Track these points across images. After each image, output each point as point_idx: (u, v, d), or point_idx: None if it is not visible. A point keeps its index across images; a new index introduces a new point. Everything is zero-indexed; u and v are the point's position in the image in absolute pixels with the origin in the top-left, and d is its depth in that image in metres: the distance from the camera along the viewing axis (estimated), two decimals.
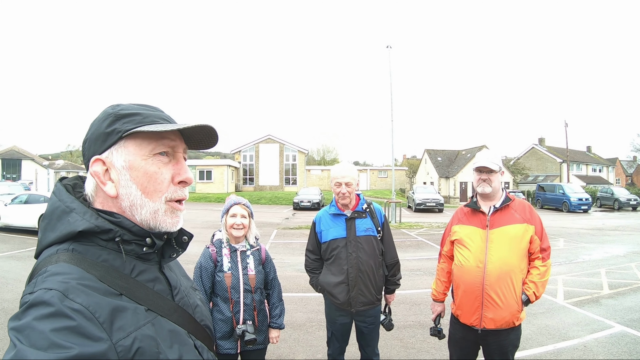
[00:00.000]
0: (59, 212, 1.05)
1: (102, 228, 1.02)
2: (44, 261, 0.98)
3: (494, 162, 3.21)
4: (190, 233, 1.24)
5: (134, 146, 1.08)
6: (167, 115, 1.17)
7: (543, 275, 3.09)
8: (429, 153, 55.01)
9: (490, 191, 3.19)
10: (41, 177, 44.33)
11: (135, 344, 0.91)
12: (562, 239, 15.88)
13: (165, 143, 1.11)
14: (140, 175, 1.07)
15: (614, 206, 34.82)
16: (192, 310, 1.19)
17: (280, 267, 9.96)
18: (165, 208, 1.11)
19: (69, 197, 1.08)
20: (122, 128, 1.07)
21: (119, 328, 0.90)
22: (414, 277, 9.34)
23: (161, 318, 1.04)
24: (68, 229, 1.01)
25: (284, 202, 38.59)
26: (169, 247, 1.18)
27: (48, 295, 0.85)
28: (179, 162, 1.15)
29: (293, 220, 23.30)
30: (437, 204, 31.61)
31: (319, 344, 5.39)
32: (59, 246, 1.01)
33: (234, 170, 52.65)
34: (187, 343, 1.09)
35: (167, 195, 1.11)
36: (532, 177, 55.31)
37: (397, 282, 3.80)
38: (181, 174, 1.14)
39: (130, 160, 1.07)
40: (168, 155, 1.12)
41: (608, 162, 66.56)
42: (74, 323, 0.83)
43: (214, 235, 3.51)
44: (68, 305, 0.85)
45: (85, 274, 0.94)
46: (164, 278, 1.15)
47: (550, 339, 5.63)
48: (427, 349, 5.33)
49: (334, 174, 3.59)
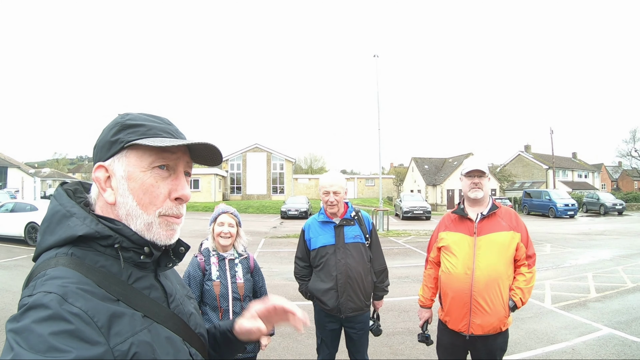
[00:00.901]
0: (59, 216, 1.05)
1: (102, 234, 1.03)
2: (43, 264, 0.98)
3: (483, 166, 3.25)
4: (187, 244, 1.24)
5: (135, 157, 1.08)
6: (175, 129, 1.17)
7: (529, 281, 3.13)
8: (416, 161, 55.31)
9: (482, 196, 3.21)
10: (27, 186, 43.56)
11: (132, 349, 0.92)
12: (549, 244, 16.02)
13: (166, 157, 1.10)
14: (137, 186, 1.07)
15: (600, 211, 35.25)
16: (187, 318, 1.19)
17: (269, 276, 9.82)
18: (160, 221, 1.10)
19: (69, 202, 1.08)
20: (125, 138, 1.07)
21: (116, 333, 0.91)
22: (402, 285, 9.36)
23: (157, 325, 1.04)
24: (68, 233, 1.01)
25: (271, 211, 38.48)
26: (166, 257, 1.18)
27: (47, 299, 0.86)
28: (178, 178, 1.14)
29: (281, 229, 23.19)
30: (425, 212, 31.74)
31: (308, 351, 5.37)
32: (58, 250, 1.01)
33: (222, 179, 52.49)
34: (182, 350, 1.09)
35: (161, 210, 1.10)
36: (519, 183, 55.87)
37: (386, 289, 3.82)
38: (178, 190, 1.12)
39: (129, 171, 1.07)
40: (169, 169, 1.12)
41: (594, 167, 67.54)
42: (73, 327, 0.84)
43: (202, 244, 3.49)
44: (67, 309, 0.85)
45: (84, 278, 0.95)
46: (160, 286, 1.15)
47: (538, 343, 5.68)
48: (416, 355, 5.35)
49: (322, 183, 3.62)
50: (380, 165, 27.59)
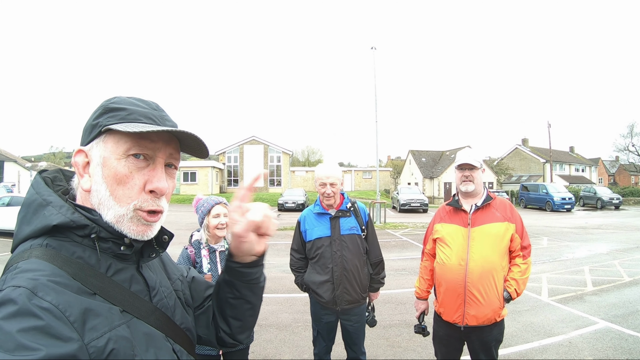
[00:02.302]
0: (36, 205, 1.00)
1: (78, 223, 0.97)
2: (17, 257, 0.94)
3: (475, 159, 3.24)
4: (170, 232, 1.18)
5: (112, 143, 1.01)
6: (160, 115, 1.09)
7: (524, 272, 3.12)
8: (413, 154, 55.31)
9: (473, 189, 3.21)
10: (24, 179, 43.51)
11: (109, 345, 0.87)
12: (545, 237, 16.04)
13: (144, 144, 1.02)
14: (110, 175, 1.00)
15: (596, 205, 35.24)
16: (171, 313, 1.14)
17: (266, 269, 9.75)
18: (132, 215, 1.01)
19: (46, 190, 1.03)
20: (103, 122, 1.01)
21: (91, 328, 0.86)
22: (399, 277, 9.36)
23: (137, 320, 0.99)
24: (43, 223, 0.97)
25: (268, 203, 37.48)
26: (149, 247, 1.11)
27: (16, 293, 0.81)
28: (155, 169, 1.04)
29: (278, 222, 23.06)
30: (422, 205, 31.70)
31: (305, 344, 5.37)
32: (34, 241, 0.96)
33: (219, 172, 52.32)
34: (163, 347, 1.04)
35: (136, 203, 1.01)
36: (516, 177, 55.95)
37: (382, 281, 3.79)
38: (152, 182, 1.03)
39: (104, 157, 1.01)
40: (147, 159, 1.03)
41: (591, 162, 67.68)
42: (43, 323, 0.79)
43: (192, 235, 3.46)
44: (36, 304, 0.80)
45: (58, 270, 0.90)
46: (142, 278, 1.10)
47: (535, 336, 5.68)
48: (413, 347, 5.34)
49: (318, 175, 3.57)
50: (377, 158, 27.58)
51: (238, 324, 1.28)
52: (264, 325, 6.12)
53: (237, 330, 1.29)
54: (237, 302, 1.24)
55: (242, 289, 1.23)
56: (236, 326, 1.28)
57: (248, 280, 1.22)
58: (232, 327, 1.28)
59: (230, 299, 1.24)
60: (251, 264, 1.20)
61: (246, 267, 1.20)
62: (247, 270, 1.20)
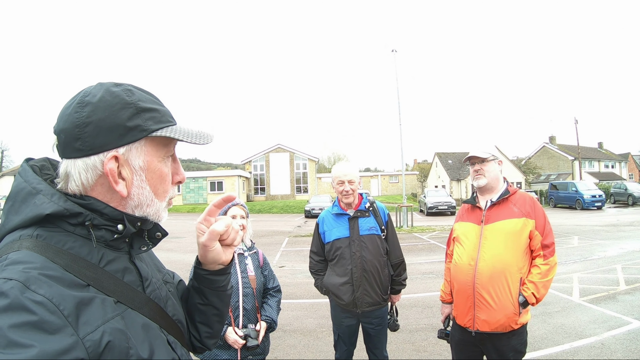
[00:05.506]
0: (25, 194, 0.96)
1: (71, 211, 0.94)
2: (5, 247, 0.90)
3: (483, 150, 3.08)
4: (165, 230, 1.16)
5: (152, 146, 1.03)
6: (168, 110, 1.13)
7: (545, 274, 2.82)
8: (440, 156, 54.93)
9: (485, 183, 3.05)
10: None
11: (104, 338, 0.84)
12: (576, 236, 15.58)
13: (174, 144, 1.10)
14: (155, 177, 1.05)
15: (628, 202, 34.20)
16: (163, 304, 1.12)
17: (292, 274, 10.03)
18: (166, 205, 1.10)
19: (35, 178, 0.99)
20: (147, 127, 1.00)
21: (86, 322, 0.83)
22: (427, 280, 9.22)
23: (132, 311, 0.97)
24: (34, 212, 0.93)
25: (295, 210, 38.59)
26: (139, 239, 1.09)
27: (7, 286, 0.77)
28: (176, 161, 1.14)
29: (304, 228, 23.22)
30: (449, 207, 31.24)
31: (328, 349, 5.28)
32: (23, 231, 0.93)
33: (245, 181, 52.79)
34: (159, 337, 1.02)
35: (170, 194, 1.11)
36: (544, 176, 54.84)
37: (403, 282, 3.68)
38: (179, 174, 1.14)
39: (148, 161, 1.03)
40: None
41: (620, 157, 65.78)
42: (36, 317, 0.75)
43: None
44: (29, 297, 0.77)
45: (50, 262, 0.86)
46: (135, 268, 1.07)
47: (566, 338, 5.47)
48: (439, 352, 5.21)
49: (335, 173, 3.52)
50: (402, 161, 27.39)
51: (206, 329, 1.33)
52: (289, 330, 6.10)
53: (205, 336, 1.33)
54: (205, 308, 1.30)
55: (210, 295, 1.28)
56: (204, 331, 1.33)
57: (215, 287, 1.27)
58: (200, 332, 1.32)
59: (199, 304, 1.29)
60: (218, 272, 1.25)
61: (213, 275, 1.25)
62: (214, 277, 1.25)
